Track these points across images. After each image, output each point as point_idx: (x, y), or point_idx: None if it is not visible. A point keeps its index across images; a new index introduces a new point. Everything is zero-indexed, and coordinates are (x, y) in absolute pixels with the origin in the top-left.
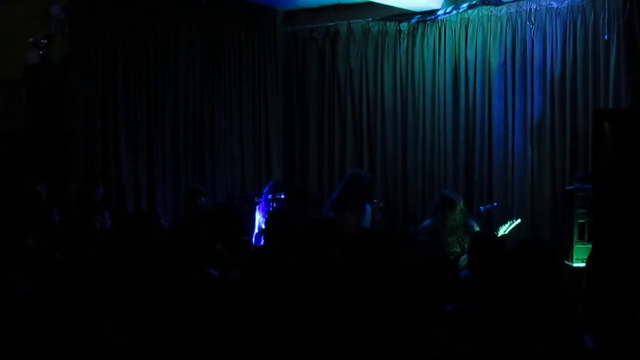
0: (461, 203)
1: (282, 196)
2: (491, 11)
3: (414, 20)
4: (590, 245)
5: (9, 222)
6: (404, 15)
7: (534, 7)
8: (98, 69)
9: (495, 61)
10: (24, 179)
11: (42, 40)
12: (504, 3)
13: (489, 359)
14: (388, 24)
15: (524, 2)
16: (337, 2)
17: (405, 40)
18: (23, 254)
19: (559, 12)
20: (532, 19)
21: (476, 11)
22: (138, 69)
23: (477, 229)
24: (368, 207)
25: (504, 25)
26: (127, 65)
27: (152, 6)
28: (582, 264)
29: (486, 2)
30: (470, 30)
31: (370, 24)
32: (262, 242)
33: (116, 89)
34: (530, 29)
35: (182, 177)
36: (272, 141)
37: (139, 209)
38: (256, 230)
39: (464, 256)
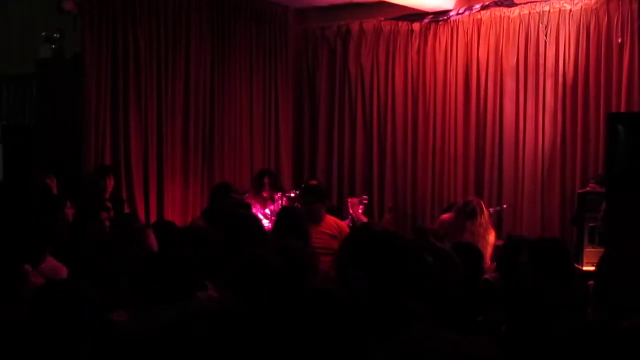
0: (483, 216)
1: (292, 194)
2: (504, 12)
3: (426, 20)
4: (601, 249)
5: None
6: (416, 15)
7: (547, 9)
8: (109, 63)
9: (507, 63)
10: (33, 172)
11: (54, 35)
12: (516, 4)
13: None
14: (400, 23)
15: (537, 3)
16: (349, 1)
17: (417, 40)
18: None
19: (572, 15)
20: (545, 20)
21: (489, 12)
22: (149, 64)
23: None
24: None
25: (517, 26)
26: (139, 60)
27: (164, 2)
28: (592, 268)
29: (499, 3)
30: (482, 31)
31: (382, 23)
32: None
33: (127, 84)
34: (543, 31)
35: (191, 173)
36: (282, 139)
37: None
38: None
39: None
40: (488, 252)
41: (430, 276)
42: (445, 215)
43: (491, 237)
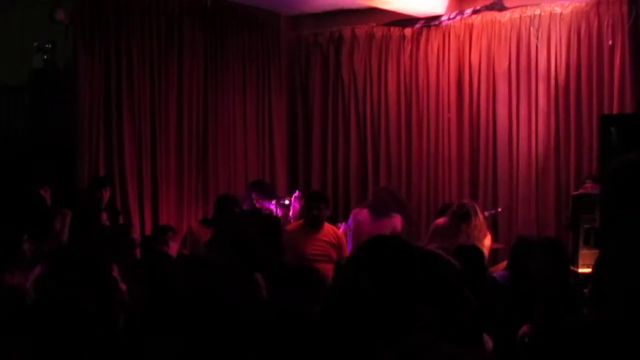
0: (478, 218)
1: (287, 202)
2: (495, 16)
3: (417, 26)
4: (597, 251)
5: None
6: (407, 20)
7: (538, 12)
8: (102, 73)
9: (499, 66)
10: (27, 183)
11: (47, 45)
12: (508, 8)
13: None
14: (392, 29)
15: (528, 7)
16: (341, 7)
17: (409, 45)
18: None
19: (562, 18)
20: (536, 24)
21: (480, 16)
22: (142, 73)
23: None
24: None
25: (508, 30)
26: (132, 69)
27: (156, 11)
28: (588, 270)
29: (490, 7)
30: (474, 35)
31: (374, 29)
32: None
33: (120, 93)
34: (535, 34)
35: (185, 181)
36: (276, 146)
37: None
38: None
39: None
40: (485, 254)
41: (442, 283)
42: (440, 219)
43: (487, 240)
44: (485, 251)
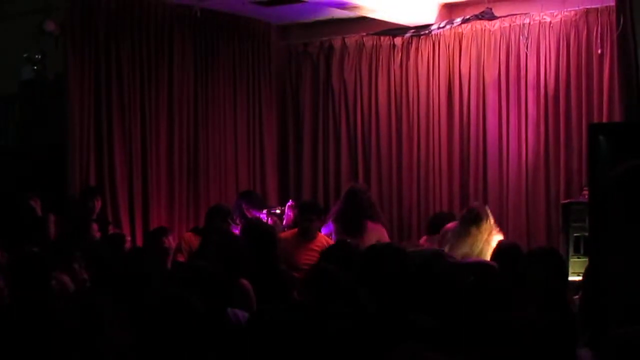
0: (488, 220)
1: (278, 210)
2: (485, 25)
3: (407, 35)
4: (587, 259)
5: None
6: (397, 29)
7: (527, 21)
8: (92, 84)
9: (489, 75)
10: (17, 195)
11: (37, 56)
12: (497, 17)
13: None
14: (382, 38)
15: (518, 16)
16: (331, 17)
17: (399, 54)
18: None
19: (552, 27)
20: (526, 33)
21: (470, 25)
22: (132, 84)
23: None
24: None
25: (498, 39)
26: (122, 79)
27: (146, 21)
28: (578, 278)
29: (480, 16)
30: (464, 44)
31: (364, 38)
32: None
33: (110, 104)
34: (524, 43)
35: (176, 191)
36: (267, 155)
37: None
38: None
39: None
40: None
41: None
42: (450, 224)
43: (497, 241)
44: None
